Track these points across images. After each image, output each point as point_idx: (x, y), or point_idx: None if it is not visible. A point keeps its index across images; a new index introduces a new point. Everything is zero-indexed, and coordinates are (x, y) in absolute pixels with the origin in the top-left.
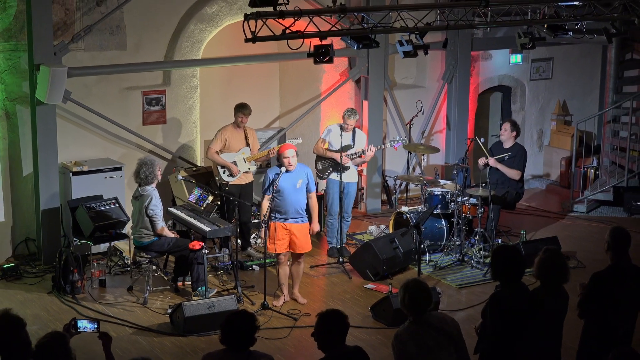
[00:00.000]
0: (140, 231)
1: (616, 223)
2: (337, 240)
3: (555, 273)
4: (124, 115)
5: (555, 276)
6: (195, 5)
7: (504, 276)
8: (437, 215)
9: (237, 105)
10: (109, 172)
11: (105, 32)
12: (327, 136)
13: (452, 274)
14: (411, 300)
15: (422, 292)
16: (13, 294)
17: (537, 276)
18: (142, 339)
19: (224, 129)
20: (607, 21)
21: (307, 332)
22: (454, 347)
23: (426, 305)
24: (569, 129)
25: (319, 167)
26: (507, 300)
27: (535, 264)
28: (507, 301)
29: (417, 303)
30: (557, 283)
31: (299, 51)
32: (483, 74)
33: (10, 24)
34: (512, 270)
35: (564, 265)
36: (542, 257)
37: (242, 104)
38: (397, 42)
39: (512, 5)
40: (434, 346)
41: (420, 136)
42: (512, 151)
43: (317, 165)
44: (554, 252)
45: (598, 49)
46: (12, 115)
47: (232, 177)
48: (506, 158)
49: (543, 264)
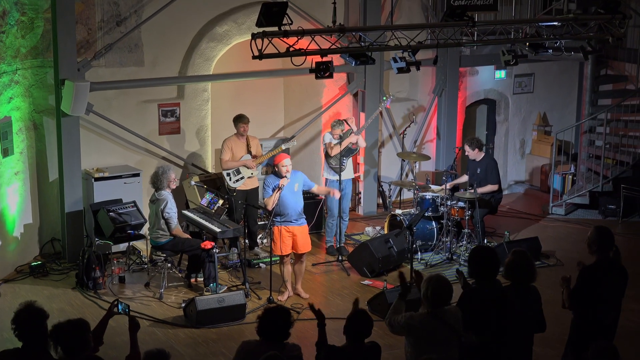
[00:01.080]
0: (157, 232)
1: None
2: (336, 239)
3: (523, 273)
4: (142, 126)
5: (523, 276)
6: (207, 25)
7: (479, 275)
8: (428, 217)
9: (236, 117)
10: (128, 178)
11: (124, 50)
12: (331, 139)
13: (442, 271)
14: (434, 294)
15: (445, 287)
16: (40, 289)
17: (506, 276)
18: (158, 331)
19: (228, 140)
20: (584, 40)
21: (309, 324)
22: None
23: (447, 299)
24: (548, 139)
25: (334, 164)
26: (477, 295)
27: (505, 265)
28: (477, 297)
29: (439, 297)
30: (525, 282)
31: (302, 67)
32: (470, 88)
33: (38, 42)
34: (486, 269)
35: (530, 266)
36: (510, 259)
37: (240, 115)
38: (391, 59)
39: (496, 26)
40: (441, 340)
41: (412, 145)
42: (481, 166)
43: (330, 164)
44: (520, 253)
45: (575, 65)
46: (40, 126)
47: (238, 182)
48: (478, 171)
49: (510, 265)
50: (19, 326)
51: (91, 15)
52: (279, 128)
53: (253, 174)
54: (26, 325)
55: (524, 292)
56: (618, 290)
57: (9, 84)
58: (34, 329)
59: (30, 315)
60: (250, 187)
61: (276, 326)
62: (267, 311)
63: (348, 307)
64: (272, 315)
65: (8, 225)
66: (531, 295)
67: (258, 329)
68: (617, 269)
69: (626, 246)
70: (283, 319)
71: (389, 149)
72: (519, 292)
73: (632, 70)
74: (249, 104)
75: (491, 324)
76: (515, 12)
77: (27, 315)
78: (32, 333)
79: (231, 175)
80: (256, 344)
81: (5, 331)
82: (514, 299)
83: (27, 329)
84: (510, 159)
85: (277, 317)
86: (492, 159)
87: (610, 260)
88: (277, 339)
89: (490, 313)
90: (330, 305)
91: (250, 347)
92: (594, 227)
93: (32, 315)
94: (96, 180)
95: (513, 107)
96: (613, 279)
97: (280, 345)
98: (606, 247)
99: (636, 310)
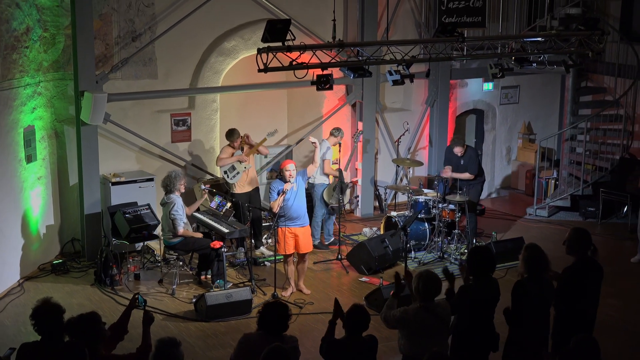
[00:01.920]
0: (169, 233)
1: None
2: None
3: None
4: (155, 134)
5: (539, 267)
6: (216, 41)
7: (478, 272)
8: (421, 219)
9: (227, 132)
10: (143, 182)
11: (139, 64)
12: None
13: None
14: (424, 288)
15: (434, 281)
16: (61, 285)
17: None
18: (170, 324)
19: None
20: (566, 54)
21: (311, 318)
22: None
23: (436, 293)
24: (533, 146)
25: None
26: (474, 290)
27: (520, 260)
28: (474, 291)
29: (429, 291)
30: (541, 273)
31: (304, 80)
32: (460, 99)
33: (59, 56)
34: (485, 267)
35: (545, 258)
36: (525, 254)
37: (230, 131)
38: (387, 72)
39: (484, 41)
40: (432, 332)
41: (406, 152)
42: (465, 159)
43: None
44: (534, 247)
45: (557, 78)
46: (61, 134)
47: (235, 178)
48: (462, 163)
49: (527, 259)
50: (37, 321)
51: (108, 32)
52: (282, 136)
53: (246, 167)
54: (44, 320)
55: (540, 283)
56: (596, 287)
57: (33, 95)
58: (51, 323)
59: (47, 310)
60: (251, 189)
61: (275, 319)
62: (267, 306)
63: (347, 302)
64: (271, 310)
65: (31, 226)
66: (547, 286)
67: (259, 322)
68: (595, 268)
69: (605, 246)
70: (281, 313)
71: (385, 155)
72: (536, 283)
73: (611, 83)
74: (254, 113)
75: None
76: (502, 29)
77: (44, 310)
78: (49, 327)
79: (228, 173)
80: (257, 336)
81: (28, 325)
82: (532, 289)
83: (44, 323)
84: (497, 164)
85: (276, 311)
86: (474, 149)
87: (589, 259)
88: (276, 331)
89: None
90: (330, 301)
91: (251, 339)
92: (572, 228)
93: (49, 311)
94: (113, 185)
95: (500, 116)
96: (592, 277)
97: (279, 337)
98: (584, 247)
99: (614, 305)
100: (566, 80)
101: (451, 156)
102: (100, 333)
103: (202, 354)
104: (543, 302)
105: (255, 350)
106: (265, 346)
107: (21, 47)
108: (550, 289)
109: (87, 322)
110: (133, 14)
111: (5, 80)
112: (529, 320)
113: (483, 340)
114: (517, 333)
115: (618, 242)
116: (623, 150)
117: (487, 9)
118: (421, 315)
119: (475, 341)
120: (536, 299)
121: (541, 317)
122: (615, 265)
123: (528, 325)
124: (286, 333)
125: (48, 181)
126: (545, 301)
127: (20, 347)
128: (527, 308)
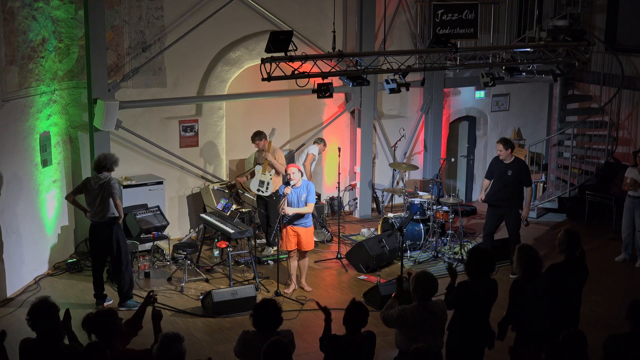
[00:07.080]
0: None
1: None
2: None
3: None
4: (164, 140)
5: (533, 266)
6: (222, 51)
7: (476, 272)
8: (417, 220)
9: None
10: (152, 186)
11: (149, 73)
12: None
13: (429, 267)
14: (422, 288)
15: (431, 281)
16: (75, 283)
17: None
18: (179, 320)
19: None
20: (553, 64)
21: (312, 314)
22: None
23: (433, 292)
24: (522, 151)
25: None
26: (471, 288)
27: (515, 260)
28: (471, 289)
29: (427, 290)
30: (535, 272)
31: (305, 88)
32: (453, 106)
33: (73, 66)
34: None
35: (538, 257)
36: (519, 255)
37: (255, 133)
38: (384, 80)
39: (476, 51)
40: (429, 329)
41: (402, 156)
42: (513, 169)
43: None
44: (527, 248)
45: (546, 86)
46: (75, 139)
47: (268, 191)
48: (509, 174)
49: (521, 259)
50: (32, 318)
51: (120, 43)
52: (285, 141)
53: (271, 174)
54: (38, 317)
55: (534, 279)
56: (580, 286)
57: (48, 103)
58: (45, 321)
59: (43, 309)
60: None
61: (267, 317)
62: (257, 307)
63: (346, 299)
64: (261, 309)
65: (47, 227)
66: (540, 282)
67: (253, 323)
68: (581, 268)
69: (590, 246)
70: (271, 310)
71: (382, 159)
72: (530, 280)
73: (596, 91)
74: (259, 120)
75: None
76: (493, 40)
77: (39, 309)
78: (44, 324)
79: (260, 189)
80: (254, 333)
81: None
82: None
83: (39, 321)
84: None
85: (266, 309)
86: (523, 162)
87: (576, 260)
88: (270, 328)
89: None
90: (330, 298)
91: (249, 336)
92: (564, 229)
93: (44, 309)
94: (124, 188)
95: (491, 123)
96: (577, 276)
97: (274, 333)
98: (574, 248)
99: (599, 301)
100: (554, 89)
101: (496, 166)
102: (116, 328)
103: (209, 348)
104: (538, 298)
105: (255, 345)
106: (263, 341)
107: (37, 57)
108: (544, 286)
109: (104, 318)
110: (143, 26)
111: (22, 89)
112: (527, 317)
113: (478, 336)
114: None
115: (603, 242)
116: (608, 155)
117: (479, 21)
118: (419, 314)
119: (470, 337)
120: (531, 296)
121: (538, 313)
122: (600, 263)
123: (527, 321)
124: (281, 328)
125: (63, 184)
126: (540, 298)
127: (21, 342)
128: (524, 305)
